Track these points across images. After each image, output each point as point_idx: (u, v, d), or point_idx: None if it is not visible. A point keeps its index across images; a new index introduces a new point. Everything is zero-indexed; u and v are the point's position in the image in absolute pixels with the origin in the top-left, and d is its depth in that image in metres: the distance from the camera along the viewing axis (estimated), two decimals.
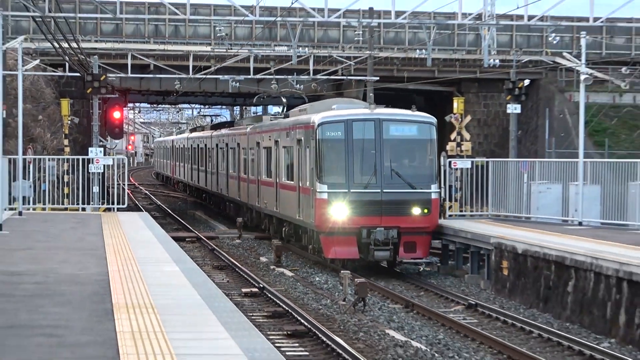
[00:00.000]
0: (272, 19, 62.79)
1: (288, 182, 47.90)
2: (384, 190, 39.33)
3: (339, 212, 39.29)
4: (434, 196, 39.80)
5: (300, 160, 44.48)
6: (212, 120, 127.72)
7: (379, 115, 40.69)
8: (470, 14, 58.38)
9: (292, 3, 52.74)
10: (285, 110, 69.58)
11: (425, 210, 39.51)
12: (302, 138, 43.47)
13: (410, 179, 39.89)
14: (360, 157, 39.53)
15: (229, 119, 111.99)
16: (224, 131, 73.40)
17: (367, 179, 39.64)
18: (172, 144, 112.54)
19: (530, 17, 51.76)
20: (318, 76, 71.86)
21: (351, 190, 39.27)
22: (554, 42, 68.75)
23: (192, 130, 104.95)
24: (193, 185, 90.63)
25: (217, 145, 73.58)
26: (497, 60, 69.82)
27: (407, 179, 39.84)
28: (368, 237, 38.96)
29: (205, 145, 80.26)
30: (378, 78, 67.61)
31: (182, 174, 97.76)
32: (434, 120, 41.45)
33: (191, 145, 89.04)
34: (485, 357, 26.56)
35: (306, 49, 68.00)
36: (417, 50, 69.27)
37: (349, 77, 71.71)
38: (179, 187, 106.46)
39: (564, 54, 58.00)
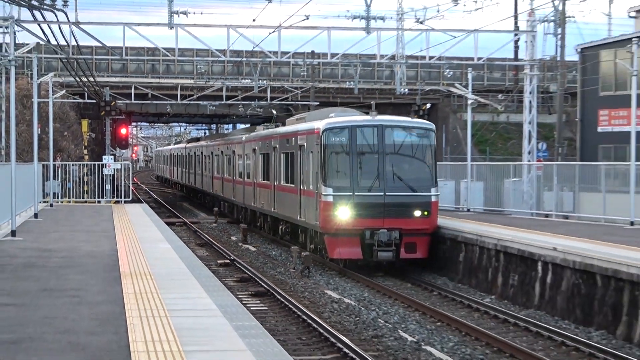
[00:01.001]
0: (239, 59, 62.58)
1: (288, 185, 41.19)
2: (387, 194, 33.18)
3: (344, 214, 33.16)
4: (433, 199, 33.94)
5: (302, 165, 37.77)
6: (204, 134, 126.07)
7: (381, 121, 34.49)
8: (386, 55, 58.24)
9: (254, 47, 52.45)
10: (275, 121, 63.88)
11: (426, 213, 33.56)
12: (305, 144, 37.03)
13: (411, 182, 33.80)
14: (364, 161, 33.61)
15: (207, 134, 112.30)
16: (218, 140, 68.32)
17: (371, 183, 33.52)
18: (170, 152, 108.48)
19: (431, 57, 51.66)
20: (274, 102, 71.86)
21: (355, 194, 33.09)
22: (448, 75, 69.32)
23: (189, 141, 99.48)
24: (189, 186, 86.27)
25: (212, 153, 67.65)
26: (406, 89, 70.63)
27: (408, 182, 33.73)
28: (371, 238, 32.78)
29: (202, 153, 74.45)
30: (318, 103, 67.36)
31: (179, 176, 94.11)
32: (433, 126, 35.35)
33: (188, 153, 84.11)
34: (399, 310, 26.54)
35: (264, 81, 67.75)
36: (347, 82, 69.38)
37: (296, 102, 71.54)
38: (177, 187, 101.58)
39: (456, 84, 58.03)
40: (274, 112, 68.95)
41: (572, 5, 48.74)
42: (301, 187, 37.77)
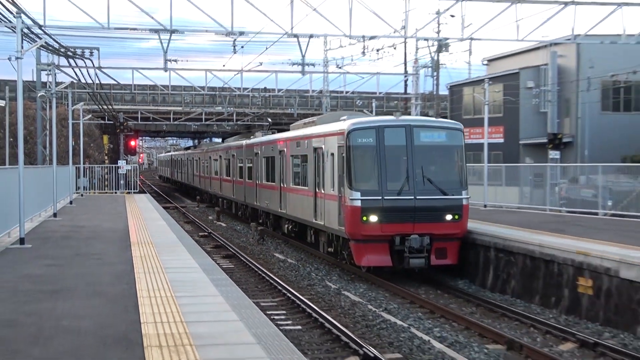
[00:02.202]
0: (214, 93, 62.28)
1: (298, 187, 30.34)
2: (417, 197, 23.16)
3: (372, 219, 23.10)
4: (464, 202, 23.95)
5: (319, 168, 27.07)
6: (197, 144, 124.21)
7: (408, 121, 24.49)
8: (315, 90, 58.32)
9: (224, 84, 52.24)
10: (270, 128, 56.51)
11: (457, 217, 23.59)
12: (323, 146, 26.47)
13: (442, 185, 23.61)
14: (393, 163, 23.63)
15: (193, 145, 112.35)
16: (218, 146, 58.60)
17: (401, 186, 23.32)
18: (170, 158, 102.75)
19: (347, 92, 51.77)
20: (238, 122, 71.64)
21: (385, 197, 23.02)
22: (359, 104, 69.13)
23: (186, 148, 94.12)
24: (188, 184, 79.02)
25: (210, 157, 58.83)
26: None
27: (439, 185, 23.52)
28: (401, 245, 23.00)
29: (199, 158, 66.71)
30: (269, 122, 67.30)
31: (178, 176, 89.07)
32: (461, 126, 25.36)
33: (187, 158, 78.23)
34: (326, 267, 26.45)
35: (231, 108, 67.45)
36: (289, 109, 69.18)
37: (254, 123, 71.29)
38: (177, 185, 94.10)
39: (365, 110, 58.35)
40: (269, 120, 66.02)
41: (443, 56, 49.10)
42: (317, 190, 27.20)
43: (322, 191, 26.02)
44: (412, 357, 14.42)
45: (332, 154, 24.82)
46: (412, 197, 22.69)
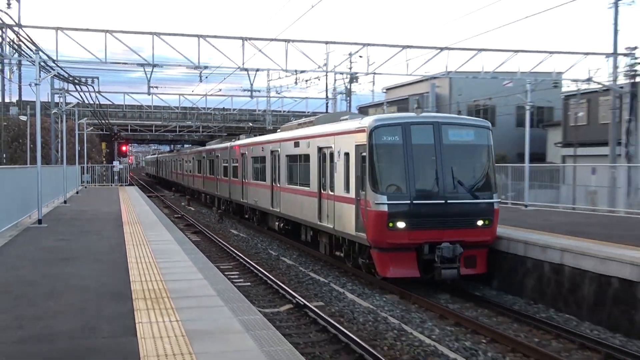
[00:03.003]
0: (185, 111, 61.73)
1: (295, 187, 22.59)
2: (448, 201, 15.61)
3: (400, 225, 15.35)
4: (495, 206, 16.16)
5: (324, 168, 19.57)
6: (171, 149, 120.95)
7: (436, 118, 16.81)
8: (262, 109, 58.03)
9: (193, 105, 51.70)
10: (250, 132, 48.54)
11: (488, 222, 15.89)
12: (331, 145, 18.79)
13: (473, 188, 16.21)
14: (420, 164, 15.90)
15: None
16: (201, 148, 48.23)
17: (430, 189, 15.78)
18: (156, 159, 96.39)
19: (284, 111, 51.75)
20: (204, 133, 70.92)
21: (413, 202, 15.42)
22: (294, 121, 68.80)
23: (170, 152, 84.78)
24: (167, 179, 73.10)
25: (193, 158, 50.16)
26: (272, 127, 69.81)
27: (470, 188, 16.13)
28: (430, 253, 15.50)
29: (183, 159, 58.57)
30: (226, 134, 66.85)
31: (163, 174, 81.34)
32: (489, 124, 17.35)
33: (172, 159, 71.24)
34: (268, 238, 26.25)
35: (199, 122, 66.73)
36: (242, 123, 68.61)
37: (216, 134, 70.54)
38: (158, 180, 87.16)
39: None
40: (251, 123, 59.79)
41: (354, 85, 49.41)
42: (323, 191, 19.45)
43: (332, 192, 18.45)
44: (331, 304, 14.54)
45: (347, 154, 17.38)
46: (443, 202, 15.64)
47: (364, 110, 58.50)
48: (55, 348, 7.12)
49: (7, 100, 57.27)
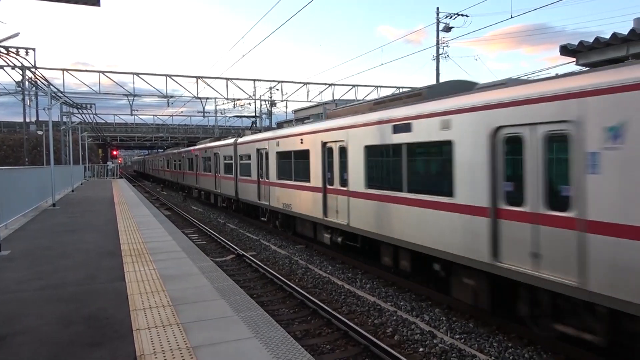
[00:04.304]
0: (158, 127, 59.43)
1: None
2: None
3: None
4: None
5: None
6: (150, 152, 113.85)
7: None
8: (211, 125, 56.52)
9: (163, 122, 49.84)
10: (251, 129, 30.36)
11: None
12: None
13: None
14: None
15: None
16: (191, 148, 33.80)
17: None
18: (143, 159, 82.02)
19: (227, 126, 50.73)
20: (171, 142, 68.39)
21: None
22: (232, 132, 67.00)
23: (155, 154, 68.72)
24: (149, 174, 61.82)
25: (184, 157, 36.10)
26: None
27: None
28: None
29: (171, 157, 43.26)
30: (187, 142, 64.93)
31: (149, 170, 67.73)
32: None
33: (151, 159, 63.20)
34: (217, 211, 25.47)
35: (168, 135, 64.42)
36: (197, 135, 66.45)
37: (180, 142, 68.16)
38: (143, 175, 75.38)
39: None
40: (187, 141, 55.59)
41: (274, 108, 49.27)
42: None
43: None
44: (261, 253, 14.46)
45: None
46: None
47: (280, 125, 58.14)
48: (66, 292, 6.82)
49: (27, 120, 53.26)
